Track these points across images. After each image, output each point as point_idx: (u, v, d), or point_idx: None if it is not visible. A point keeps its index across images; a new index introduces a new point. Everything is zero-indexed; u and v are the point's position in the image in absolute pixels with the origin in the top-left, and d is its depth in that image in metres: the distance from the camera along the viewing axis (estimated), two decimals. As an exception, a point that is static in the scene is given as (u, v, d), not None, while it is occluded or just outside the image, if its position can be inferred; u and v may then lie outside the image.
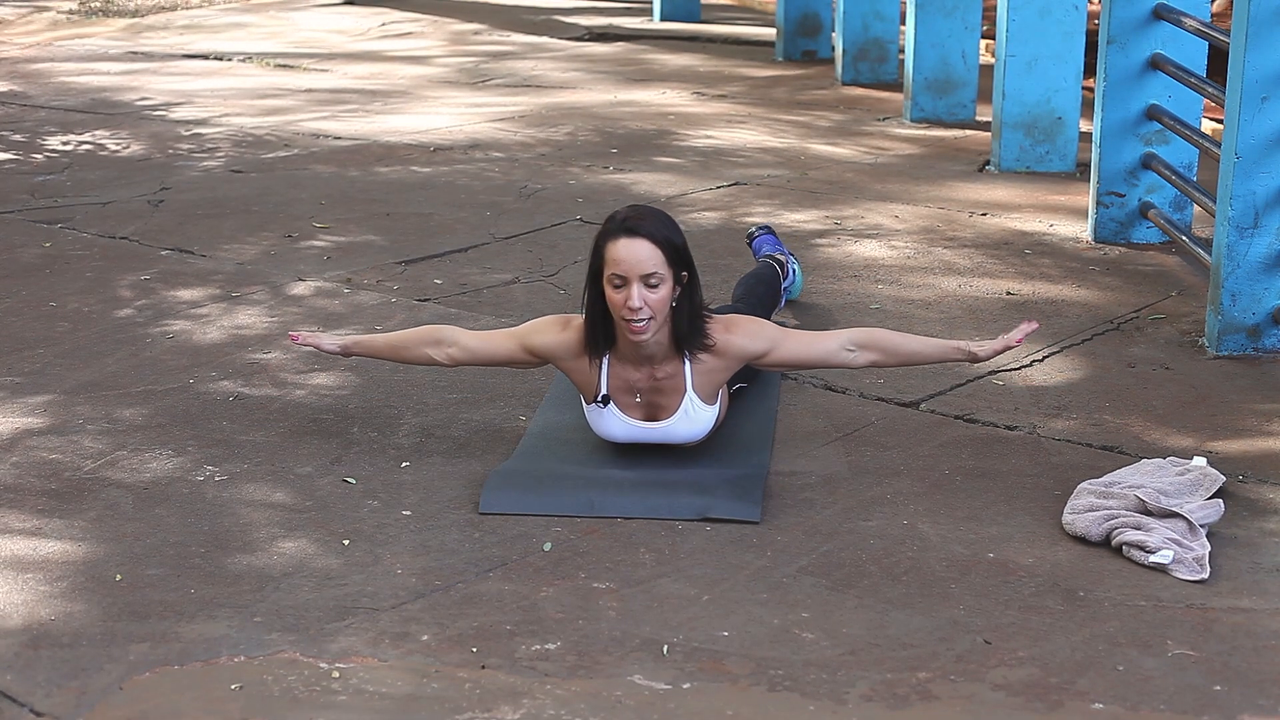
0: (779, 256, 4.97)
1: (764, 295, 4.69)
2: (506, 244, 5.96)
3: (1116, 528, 3.50)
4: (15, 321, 5.06)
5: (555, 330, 3.89)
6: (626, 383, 3.86)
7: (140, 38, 11.76)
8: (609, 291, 3.71)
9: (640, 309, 3.67)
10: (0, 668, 3.00)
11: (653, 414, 3.90)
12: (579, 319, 3.88)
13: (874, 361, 3.93)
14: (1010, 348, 3.92)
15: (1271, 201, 4.63)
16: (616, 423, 3.90)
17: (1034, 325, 3.92)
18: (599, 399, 3.88)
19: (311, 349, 4.00)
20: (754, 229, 5.22)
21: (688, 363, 3.84)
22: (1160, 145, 5.77)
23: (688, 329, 3.78)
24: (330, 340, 4.10)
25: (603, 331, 3.81)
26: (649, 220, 3.71)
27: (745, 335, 3.85)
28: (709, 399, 3.89)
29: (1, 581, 3.34)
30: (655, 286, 3.68)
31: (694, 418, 3.88)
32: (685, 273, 3.75)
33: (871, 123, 8.29)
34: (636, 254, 3.66)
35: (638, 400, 3.88)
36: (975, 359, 3.95)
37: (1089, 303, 5.22)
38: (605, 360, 3.85)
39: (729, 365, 3.87)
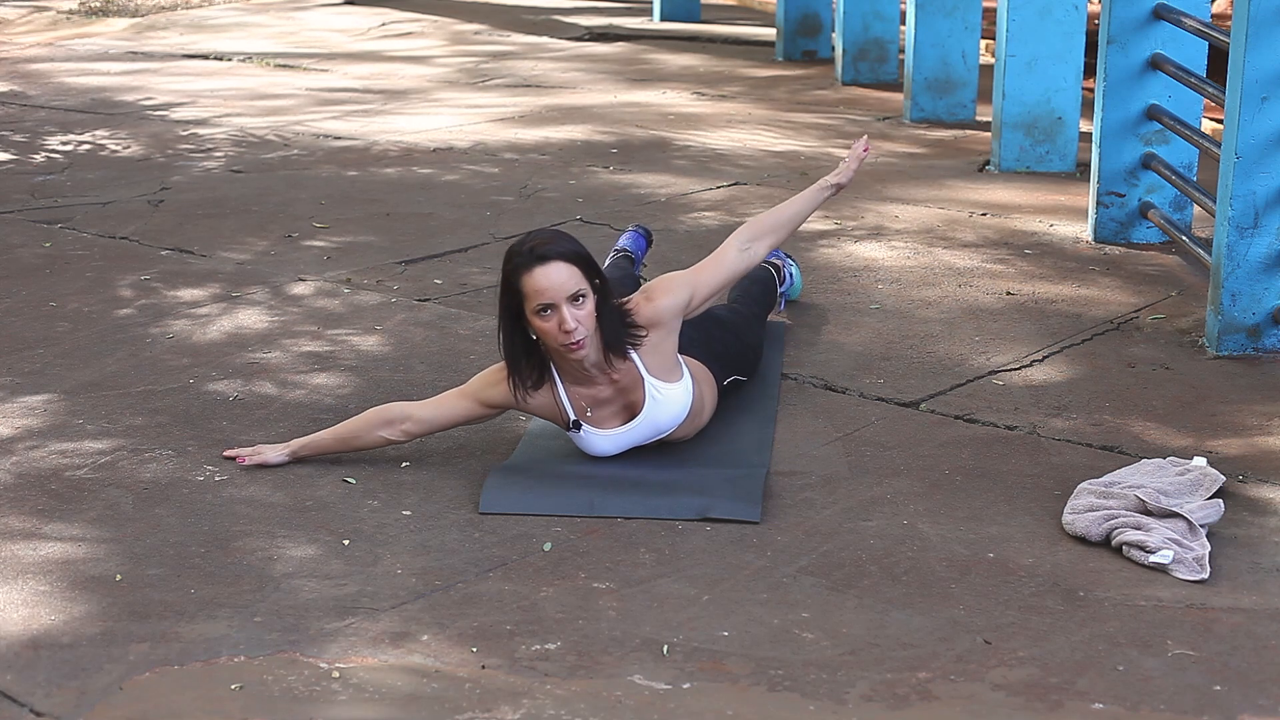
0: (775, 261, 4.98)
1: (759, 296, 4.70)
2: (506, 244, 5.92)
3: (1116, 528, 3.50)
4: (15, 321, 5.06)
5: (502, 377, 3.87)
6: (591, 398, 3.87)
7: (140, 38, 11.76)
8: (537, 323, 3.70)
9: (575, 328, 3.67)
10: (0, 668, 3.00)
11: (630, 415, 3.90)
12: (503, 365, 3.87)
13: (771, 243, 4.06)
14: (861, 160, 4.18)
15: (1271, 201, 4.63)
16: (598, 439, 3.91)
17: (865, 137, 4.26)
18: (571, 425, 3.88)
19: (258, 465, 3.94)
20: None
21: (633, 352, 3.85)
22: (1160, 145, 5.77)
23: (616, 330, 3.79)
24: (275, 453, 3.94)
25: (532, 365, 3.81)
26: (554, 241, 3.71)
27: (666, 294, 3.88)
28: (669, 374, 3.89)
29: (1, 581, 3.34)
30: (581, 302, 3.69)
31: (665, 398, 3.88)
32: (598, 279, 3.75)
33: (872, 123, 8.29)
34: (556, 278, 3.66)
35: (609, 410, 3.89)
36: (841, 188, 4.18)
37: (1089, 303, 5.22)
38: (560, 387, 3.85)
39: (669, 330, 3.88)
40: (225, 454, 3.99)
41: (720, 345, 4.23)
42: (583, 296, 3.70)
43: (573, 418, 3.87)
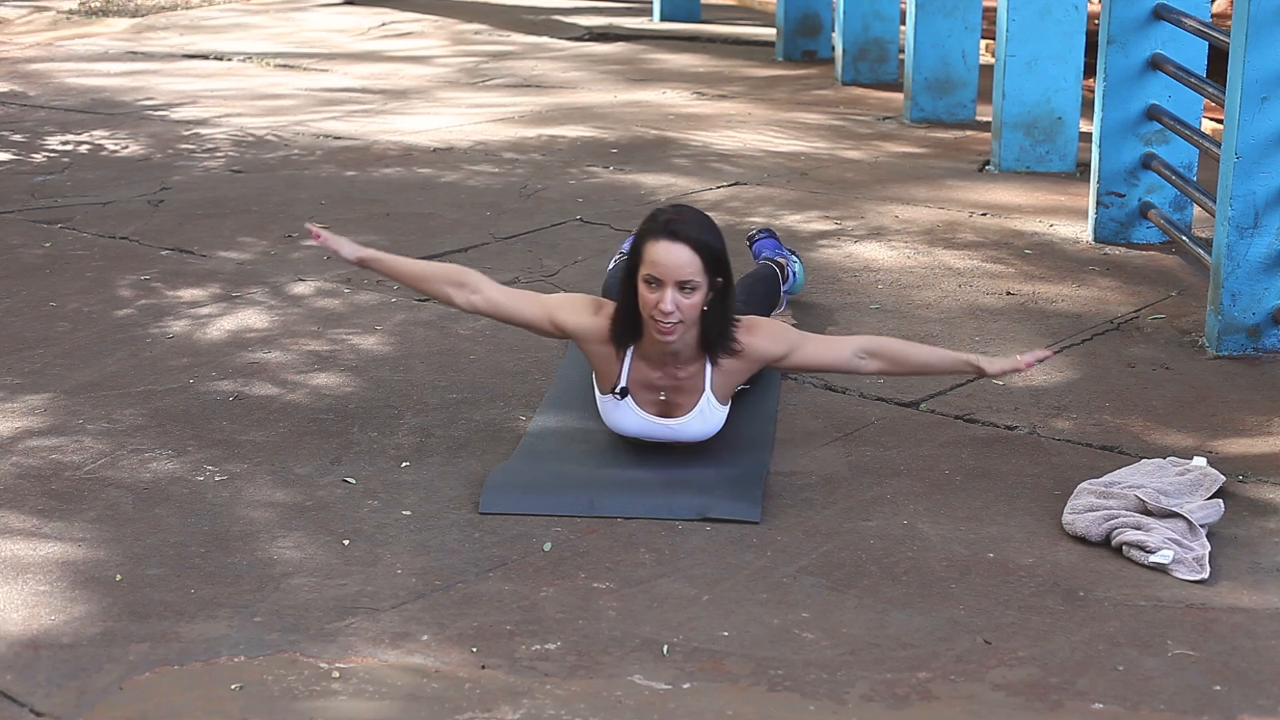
0: (779, 260, 4.97)
1: (764, 295, 4.70)
2: (506, 244, 5.96)
3: (1116, 528, 3.50)
4: (15, 321, 5.06)
5: (587, 312, 3.85)
6: (646, 379, 3.86)
7: (140, 38, 11.76)
8: (642, 289, 3.68)
9: (671, 313, 3.65)
10: (0, 668, 3.00)
11: (667, 411, 3.89)
12: (611, 305, 3.85)
13: (883, 369, 3.97)
14: (1019, 370, 3.99)
15: (1271, 201, 4.63)
16: (630, 416, 3.89)
17: (1049, 353, 4.03)
18: (616, 390, 3.87)
19: (331, 250, 3.90)
20: (755, 232, 5.22)
21: (709, 365, 3.84)
22: (1160, 145, 5.77)
23: (717, 335, 3.77)
24: (350, 248, 3.94)
25: (631, 325, 3.79)
26: (691, 224, 3.67)
27: (767, 338, 3.86)
28: (724, 399, 3.90)
29: (1, 581, 3.34)
30: (689, 292, 3.66)
31: (708, 417, 3.88)
32: (720, 278, 3.72)
33: (871, 123, 8.29)
34: (675, 258, 3.63)
35: (654, 397, 3.88)
36: (982, 374, 4.01)
37: (1089, 303, 5.22)
38: (629, 352, 3.84)
39: (749, 367, 3.88)
40: (307, 225, 4.02)
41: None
42: (693, 288, 3.65)
43: (623, 384, 3.86)
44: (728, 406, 3.93)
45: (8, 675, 2.98)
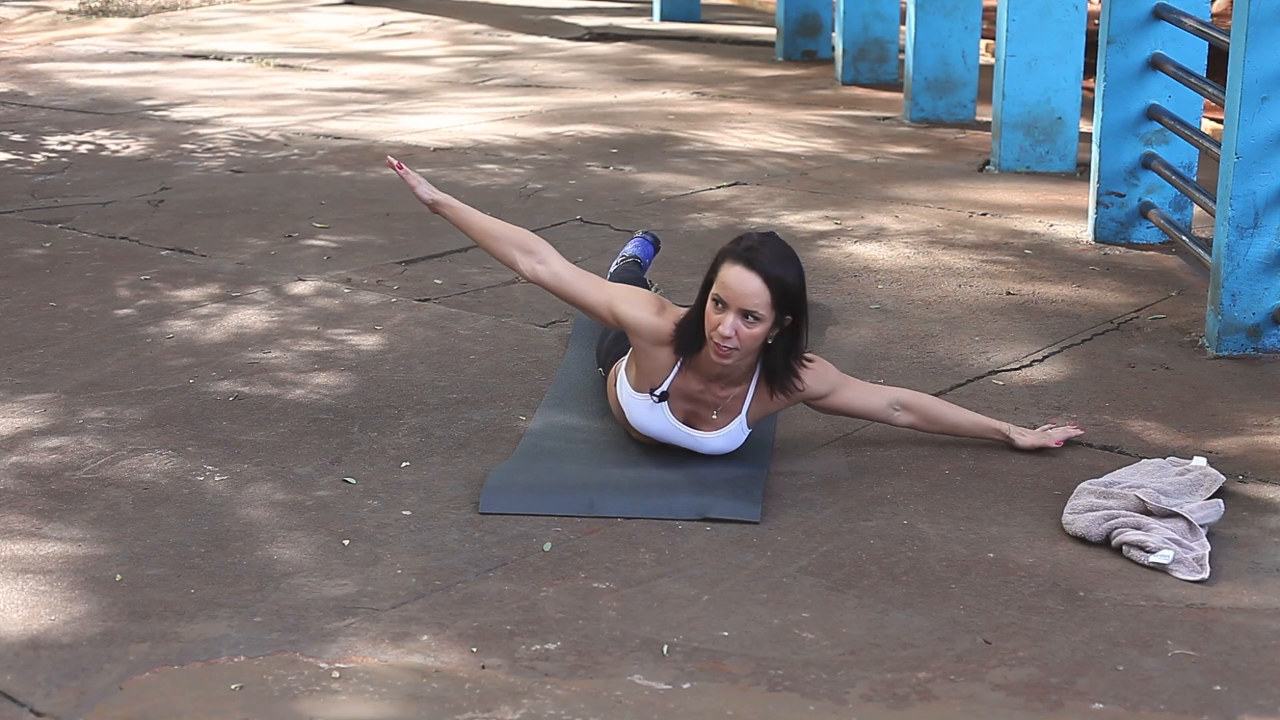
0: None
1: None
2: (506, 244, 5.94)
3: (1116, 528, 3.50)
4: (15, 321, 5.06)
5: (649, 309, 3.83)
6: (687, 388, 3.84)
7: (140, 38, 11.76)
8: (709, 306, 3.68)
9: (730, 338, 3.64)
10: (0, 668, 3.00)
11: (694, 422, 3.89)
12: (674, 309, 3.85)
13: (913, 424, 4.02)
14: (1048, 447, 3.99)
15: (1271, 201, 4.63)
16: (660, 419, 3.89)
17: (1080, 431, 4.04)
18: (656, 393, 3.86)
19: (409, 183, 3.88)
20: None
21: (753, 390, 3.83)
22: (1160, 145, 5.77)
23: (781, 369, 3.77)
24: (427, 189, 3.95)
25: (696, 336, 3.76)
26: (769, 255, 3.64)
27: (813, 377, 3.86)
28: (753, 424, 3.90)
29: (1, 581, 3.34)
30: (753, 323, 3.64)
31: (733, 438, 3.88)
32: (791, 316, 3.69)
33: (871, 123, 8.29)
34: (744, 286, 3.62)
35: (687, 406, 3.87)
36: (1012, 445, 4.02)
37: (1089, 303, 5.22)
38: (680, 360, 3.84)
39: (789, 402, 3.90)
40: (389, 158, 4.03)
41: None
42: (757, 319, 3.63)
43: (665, 388, 3.85)
44: (752, 432, 3.94)
45: (8, 675, 2.98)
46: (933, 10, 8.03)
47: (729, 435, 3.87)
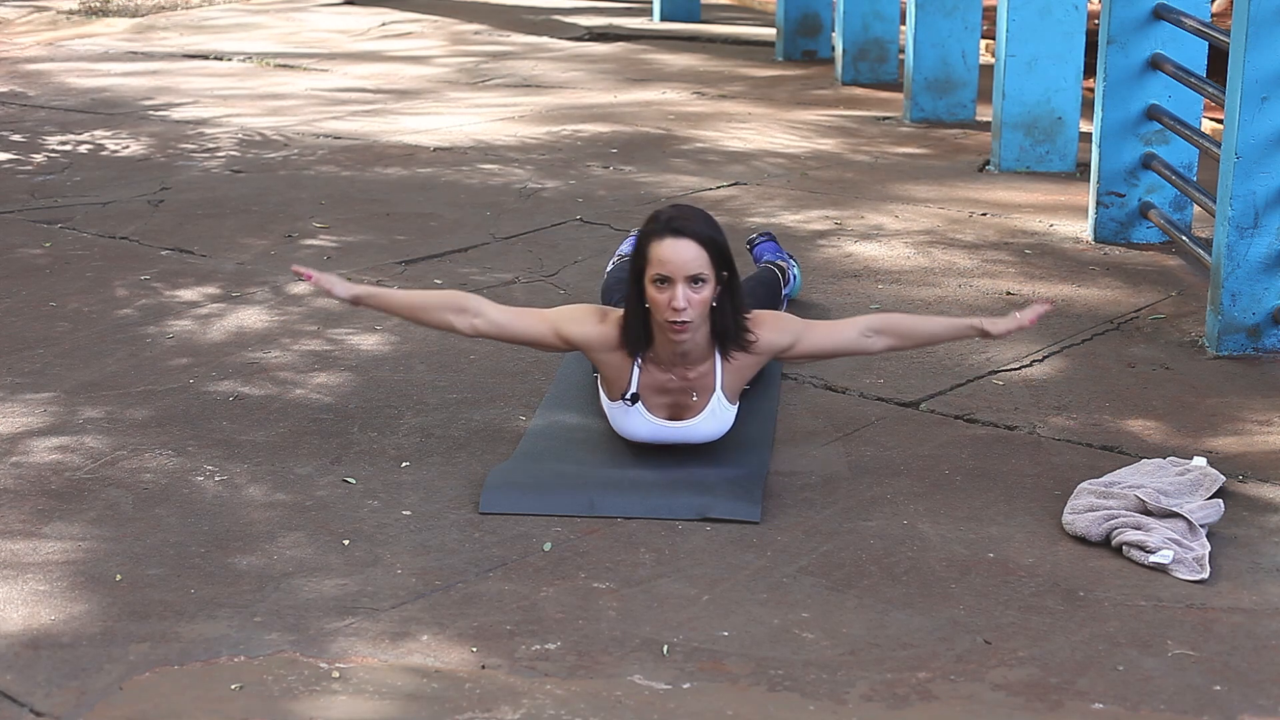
0: (779, 263, 4.98)
1: (764, 298, 4.69)
2: (506, 244, 5.96)
3: (1116, 528, 3.50)
4: (15, 321, 5.06)
5: (592, 321, 3.85)
6: (657, 383, 3.85)
7: (140, 38, 11.76)
8: (651, 291, 3.68)
9: (684, 309, 3.65)
10: (0, 668, 3.00)
11: (677, 413, 3.89)
12: (616, 312, 3.85)
13: (891, 345, 3.96)
14: (1023, 327, 3.93)
15: (1271, 201, 4.63)
16: (641, 422, 3.89)
17: (1047, 306, 3.94)
18: (626, 397, 3.86)
19: (324, 290, 3.87)
20: (755, 235, 5.22)
21: (719, 362, 3.83)
22: (1160, 145, 5.77)
23: (731, 328, 3.77)
24: (343, 287, 3.88)
25: (642, 330, 3.78)
26: (694, 220, 3.69)
27: (772, 330, 3.85)
28: (733, 397, 3.90)
29: (1, 581, 3.34)
30: (700, 286, 3.66)
31: (719, 416, 3.88)
32: (726, 272, 3.72)
33: (871, 123, 8.29)
34: (682, 254, 3.64)
35: (665, 400, 3.87)
36: (987, 335, 3.94)
37: (1089, 303, 5.22)
38: (638, 358, 3.84)
39: (758, 361, 3.88)
40: (294, 269, 3.91)
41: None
42: (702, 281, 3.66)
43: (634, 390, 3.85)
44: (736, 406, 3.93)
45: (8, 675, 2.98)
46: (933, 10, 8.03)
47: (715, 415, 3.87)
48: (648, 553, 3.50)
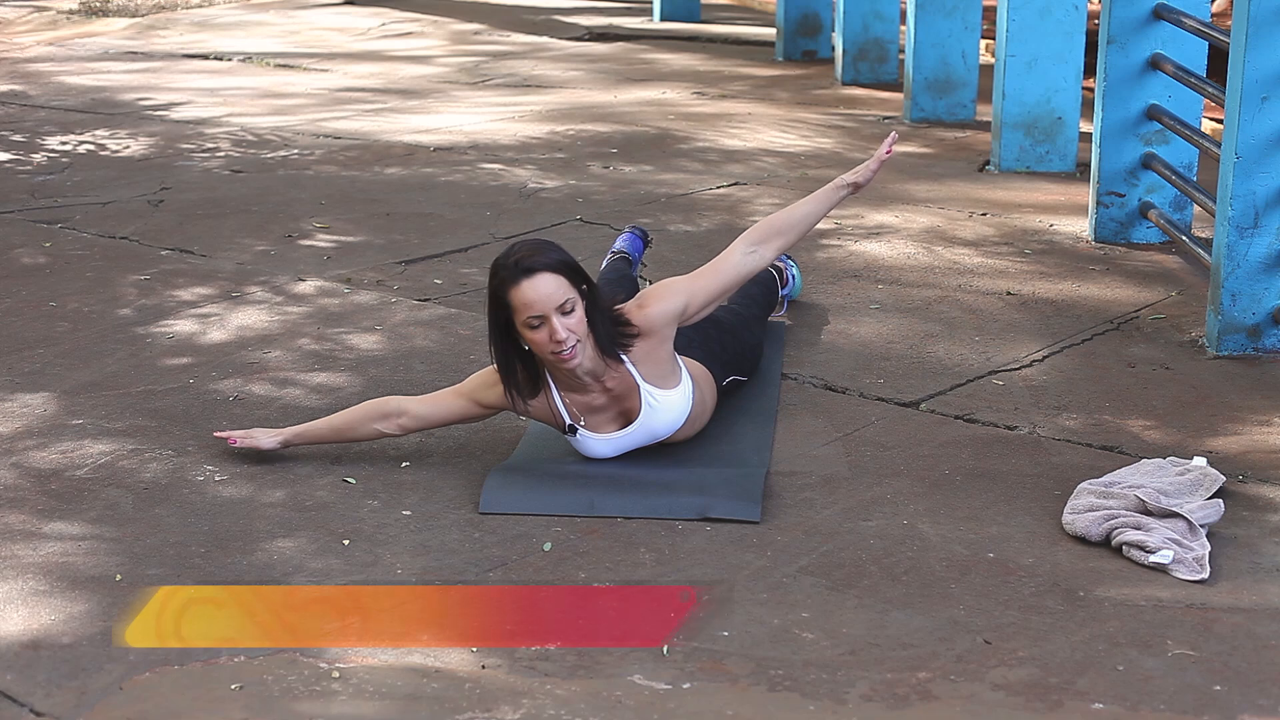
0: (778, 263, 4.97)
1: (760, 297, 4.69)
2: (507, 244, 5.92)
3: (1116, 528, 3.50)
4: (15, 321, 5.06)
5: (500, 380, 3.86)
6: (587, 404, 3.87)
7: (140, 37, 11.76)
8: (528, 334, 3.69)
9: (566, 338, 3.66)
10: (0, 668, 3.00)
11: (626, 420, 3.90)
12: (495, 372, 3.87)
13: (779, 246, 3.97)
14: (882, 161, 4.01)
15: (1271, 201, 4.63)
16: (595, 443, 3.91)
17: (894, 135, 4.08)
18: (568, 429, 3.88)
19: (251, 448, 3.94)
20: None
21: (626, 359, 3.84)
22: (1160, 145, 5.77)
23: (608, 333, 3.78)
24: (268, 439, 3.95)
25: (527, 375, 3.81)
26: (538, 252, 3.69)
27: (659, 301, 3.85)
28: (665, 381, 3.88)
29: (1, 581, 3.34)
30: (570, 311, 3.67)
31: (661, 405, 3.88)
32: (585, 285, 3.74)
33: (871, 123, 8.29)
34: (543, 290, 3.64)
35: (606, 415, 3.88)
36: (858, 186, 4.01)
37: (1089, 303, 5.22)
38: (555, 393, 3.85)
39: (663, 337, 3.86)
40: (217, 434, 3.99)
41: (719, 346, 4.22)
42: (572, 305, 3.68)
43: (569, 421, 3.87)
44: (680, 385, 3.91)
45: (8, 675, 2.98)
46: (933, 10, 8.03)
47: (653, 406, 3.86)
48: (648, 553, 3.50)
